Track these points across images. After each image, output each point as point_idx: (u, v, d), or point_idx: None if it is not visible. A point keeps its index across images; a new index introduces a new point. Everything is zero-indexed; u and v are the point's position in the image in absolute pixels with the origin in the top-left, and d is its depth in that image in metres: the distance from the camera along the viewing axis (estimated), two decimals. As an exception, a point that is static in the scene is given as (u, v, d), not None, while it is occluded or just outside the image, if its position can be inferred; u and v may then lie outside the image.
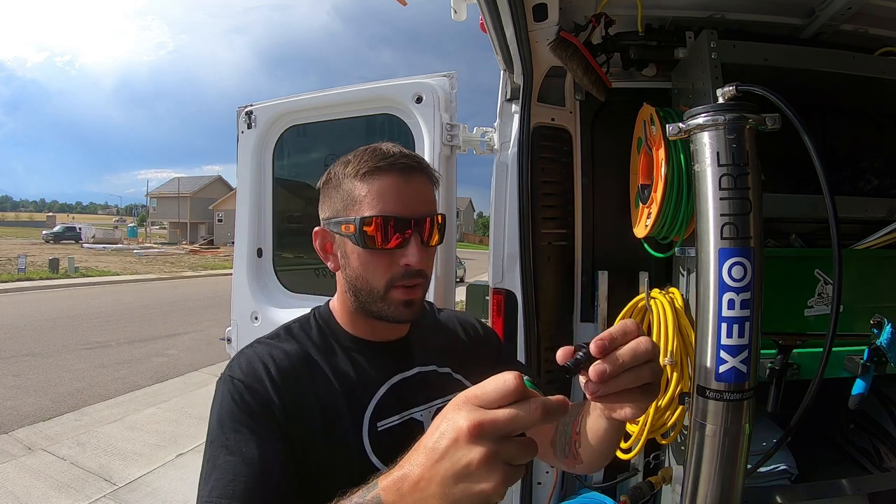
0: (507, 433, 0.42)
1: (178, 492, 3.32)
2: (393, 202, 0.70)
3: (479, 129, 2.02)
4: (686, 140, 1.02)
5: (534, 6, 1.45)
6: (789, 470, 1.35)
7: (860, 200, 1.38)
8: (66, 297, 12.17)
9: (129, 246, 35.50)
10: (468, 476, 0.42)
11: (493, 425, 0.42)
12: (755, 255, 0.91)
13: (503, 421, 0.42)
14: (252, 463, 0.61)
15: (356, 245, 0.72)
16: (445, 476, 0.43)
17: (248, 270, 2.17)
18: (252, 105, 2.16)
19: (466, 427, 0.42)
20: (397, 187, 0.71)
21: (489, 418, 0.42)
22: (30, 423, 4.36)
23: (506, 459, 0.42)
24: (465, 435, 0.42)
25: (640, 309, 1.47)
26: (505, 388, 0.43)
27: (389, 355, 0.80)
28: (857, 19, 1.41)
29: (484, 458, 0.41)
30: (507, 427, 0.42)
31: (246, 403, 0.66)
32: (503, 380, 0.43)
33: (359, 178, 0.72)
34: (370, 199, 0.70)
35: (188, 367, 6.31)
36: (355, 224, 0.70)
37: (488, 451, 0.41)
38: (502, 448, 0.42)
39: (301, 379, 0.72)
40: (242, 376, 0.69)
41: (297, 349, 0.75)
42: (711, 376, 0.93)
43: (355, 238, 0.71)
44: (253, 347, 0.75)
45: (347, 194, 0.73)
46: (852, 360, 1.16)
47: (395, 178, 0.71)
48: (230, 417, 0.65)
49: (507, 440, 0.42)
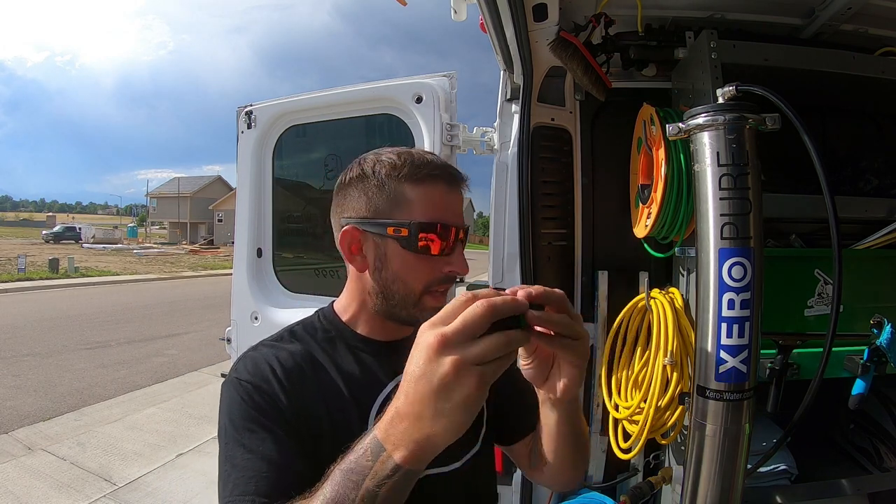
0: (467, 337, 0.46)
1: (178, 492, 3.32)
2: (442, 210, 0.72)
3: (479, 129, 2.02)
4: (686, 140, 1.03)
5: (534, 6, 1.45)
6: (789, 470, 1.35)
7: (860, 200, 1.38)
8: (66, 297, 12.17)
9: (129, 246, 35.50)
10: (447, 387, 0.46)
11: (455, 333, 0.46)
12: (755, 255, 0.91)
13: (459, 326, 0.46)
14: (271, 460, 0.62)
15: (405, 249, 0.71)
16: (427, 394, 0.46)
17: (248, 270, 2.17)
18: (252, 105, 2.16)
19: (433, 343, 0.46)
20: (446, 196, 0.73)
21: (448, 330, 0.46)
22: (30, 423, 4.36)
23: (476, 361, 0.46)
24: (434, 351, 0.46)
25: (640, 309, 1.46)
26: (459, 300, 0.48)
27: (395, 354, 0.80)
28: (857, 19, 1.41)
29: (455, 366, 0.45)
30: (464, 330, 0.46)
31: (256, 403, 0.67)
32: (457, 297, 0.49)
33: (409, 182, 0.71)
34: (422, 205, 0.71)
35: (188, 367, 6.30)
36: (409, 228, 0.70)
37: (457, 359, 0.45)
38: (470, 352, 0.46)
39: (307, 380, 0.72)
40: (249, 377, 0.69)
41: (301, 350, 0.75)
42: (711, 376, 0.93)
43: (406, 242, 0.71)
44: (257, 350, 0.75)
45: (394, 196, 0.72)
46: (852, 360, 1.16)
47: (444, 186, 0.73)
48: (242, 417, 0.66)
49: (472, 343, 0.46)
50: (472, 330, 0.46)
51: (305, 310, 0.85)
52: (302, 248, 2.39)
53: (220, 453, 0.65)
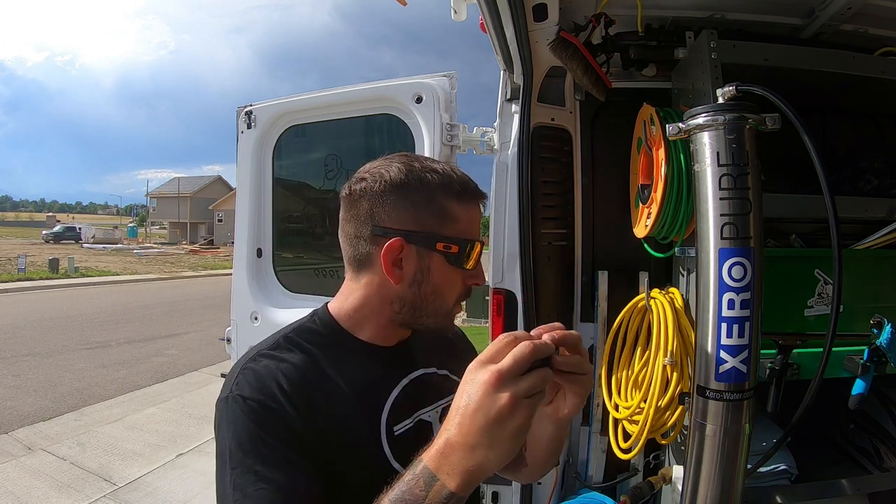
0: (518, 374, 0.51)
1: (178, 492, 3.32)
2: (475, 229, 0.77)
3: (479, 129, 2.02)
4: (686, 140, 1.02)
5: (534, 6, 1.45)
6: (789, 470, 1.35)
7: (860, 200, 1.39)
8: (66, 297, 12.17)
9: (129, 246, 35.50)
10: (503, 418, 0.50)
11: (509, 371, 0.51)
12: (755, 255, 0.91)
13: (511, 364, 0.51)
14: (286, 490, 0.60)
15: (451, 265, 0.73)
16: (484, 425, 0.50)
17: (247, 270, 2.17)
18: (252, 105, 2.16)
19: (490, 380, 0.50)
20: (478, 216, 0.78)
21: (503, 367, 0.51)
22: (30, 423, 4.36)
23: (525, 394, 0.51)
24: (491, 387, 0.50)
25: (640, 309, 1.47)
26: (501, 342, 0.54)
27: (396, 358, 0.80)
28: (857, 19, 1.42)
29: (511, 399, 0.50)
30: (516, 367, 0.51)
31: (266, 423, 0.64)
32: (498, 339, 0.54)
33: (457, 200, 0.73)
34: (465, 224, 0.74)
35: (188, 367, 6.30)
36: (460, 245, 0.73)
37: (512, 393, 0.50)
38: (520, 387, 0.51)
39: (314, 393, 0.70)
40: (256, 395, 0.66)
41: (303, 360, 0.72)
42: (711, 376, 0.93)
43: (454, 259, 0.73)
44: (257, 362, 0.71)
45: (443, 212, 0.72)
46: (852, 360, 1.16)
47: (478, 207, 0.78)
48: (252, 440, 0.62)
49: (521, 379, 0.51)
50: (522, 368, 0.51)
51: (305, 310, 0.84)
52: (302, 248, 2.39)
53: (224, 476, 0.62)
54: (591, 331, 1.77)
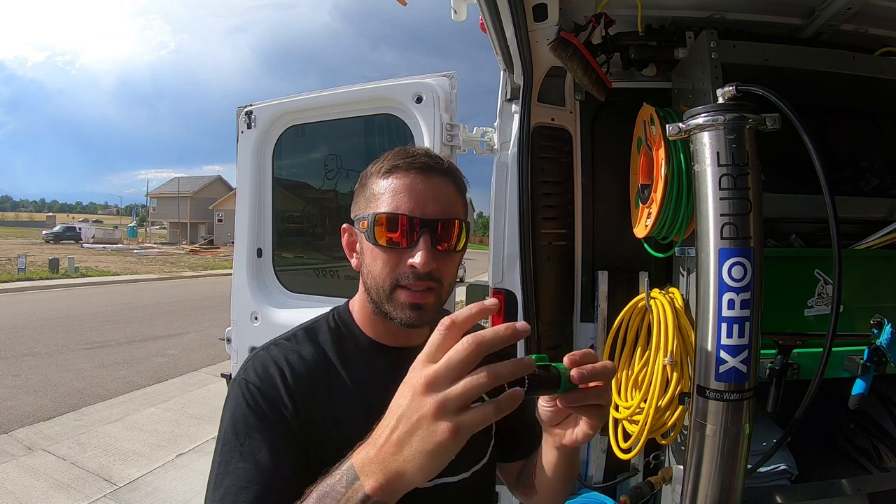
0: (454, 378, 0.45)
1: (178, 492, 3.32)
2: (406, 201, 0.69)
3: (479, 129, 2.02)
4: (686, 140, 1.02)
5: (534, 6, 1.45)
6: (789, 470, 1.35)
7: (860, 200, 1.38)
8: (66, 297, 12.16)
9: (129, 246, 35.48)
10: (419, 429, 0.45)
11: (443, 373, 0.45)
12: (755, 255, 0.91)
13: (444, 366, 0.45)
14: (265, 470, 0.62)
15: (368, 242, 0.72)
16: (405, 432, 0.46)
17: (247, 270, 2.17)
18: (252, 105, 2.16)
19: (418, 386, 0.45)
20: (413, 186, 0.69)
21: (437, 368, 0.45)
22: (30, 423, 4.36)
23: (457, 405, 0.44)
24: (420, 390, 0.45)
25: (640, 309, 1.46)
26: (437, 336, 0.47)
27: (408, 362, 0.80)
28: (857, 19, 1.42)
29: (435, 408, 0.44)
30: (449, 372, 0.45)
31: (260, 409, 0.66)
32: (437, 331, 0.47)
33: (380, 176, 0.72)
34: (386, 197, 0.70)
35: (188, 367, 6.30)
36: (368, 220, 0.70)
37: (438, 401, 0.44)
38: (451, 395, 0.44)
39: (317, 385, 0.71)
40: (257, 381, 0.69)
41: (313, 353, 0.74)
42: (711, 376, 0.93)
43: (367, 234, 0.71)
44: (269, 350, 0.74)
45: (369, 192, 0.73)
46: (852, 360, 1.16)
47: (413, 177, 0.70)
48: (244, 422, 0.65)
49: (454, 386, 0.44)
50: (461, 370, 0.45)
51: (305, 310, 0.84)
52: (302, 248, 2.39)
53: (216, 451, 0.65)
54: (591, 331, 1.77)
